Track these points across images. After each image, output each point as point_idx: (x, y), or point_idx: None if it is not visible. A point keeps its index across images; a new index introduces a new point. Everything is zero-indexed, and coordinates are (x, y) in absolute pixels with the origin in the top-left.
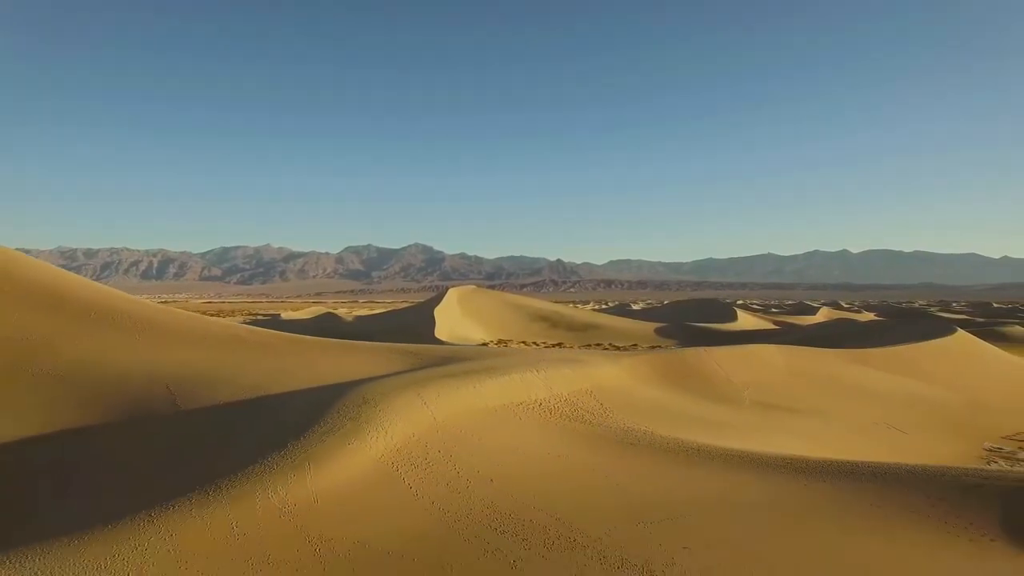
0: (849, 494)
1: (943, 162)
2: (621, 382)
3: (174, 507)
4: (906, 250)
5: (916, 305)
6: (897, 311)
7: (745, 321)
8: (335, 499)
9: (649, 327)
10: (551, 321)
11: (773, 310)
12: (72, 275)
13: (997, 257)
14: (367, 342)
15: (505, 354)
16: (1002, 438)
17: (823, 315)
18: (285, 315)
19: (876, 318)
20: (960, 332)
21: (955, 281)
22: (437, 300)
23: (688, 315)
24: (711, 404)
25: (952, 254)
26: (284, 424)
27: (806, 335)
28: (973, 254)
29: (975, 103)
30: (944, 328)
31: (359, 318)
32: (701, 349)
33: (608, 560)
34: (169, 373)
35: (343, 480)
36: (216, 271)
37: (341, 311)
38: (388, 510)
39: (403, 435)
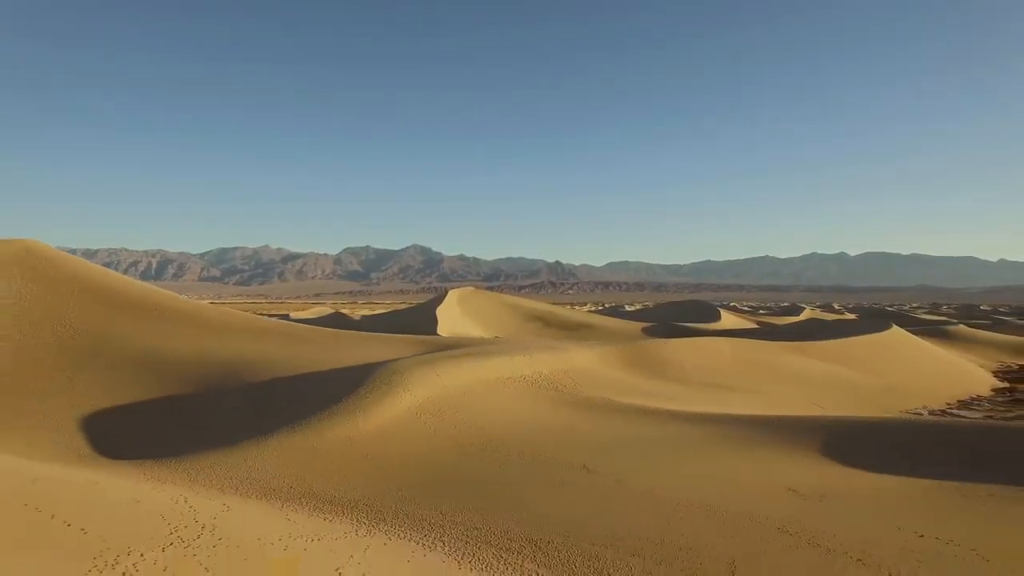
0: (734, 432)
1: (942, 165)
2: (592, 365)
3: (273, 435)
4: (904, 253)
5: (907, 307)
6: (874, 312)
7: (727, 321)
8: (380, 433)
9: (637, 326)
10: (545, 320)
11: (761, 312)
12: (119, 275)
13: (994, 260)
14: (384, 334)
15: (499, 343)
16: (900, 412)
17: (806, 316)
18: (294, 315)
19: (845, 317)
20: (894, 328)
21: (952, 284)
22: (438, 301)
23: (676, 315)
24: (664, 383)
25: (950, 257)
26: (337, 389)
27: (779, 332)
28: (971, 257)
29: (974, 105)
30: (882, 325)
31: (365, 317)
32: (661, 340)
33: (561, 463)
34: (230, 357)
35: (384, 422)
36: (215, 272)
37: (344, 311)
38: (416, 439)
39: (423, 396)
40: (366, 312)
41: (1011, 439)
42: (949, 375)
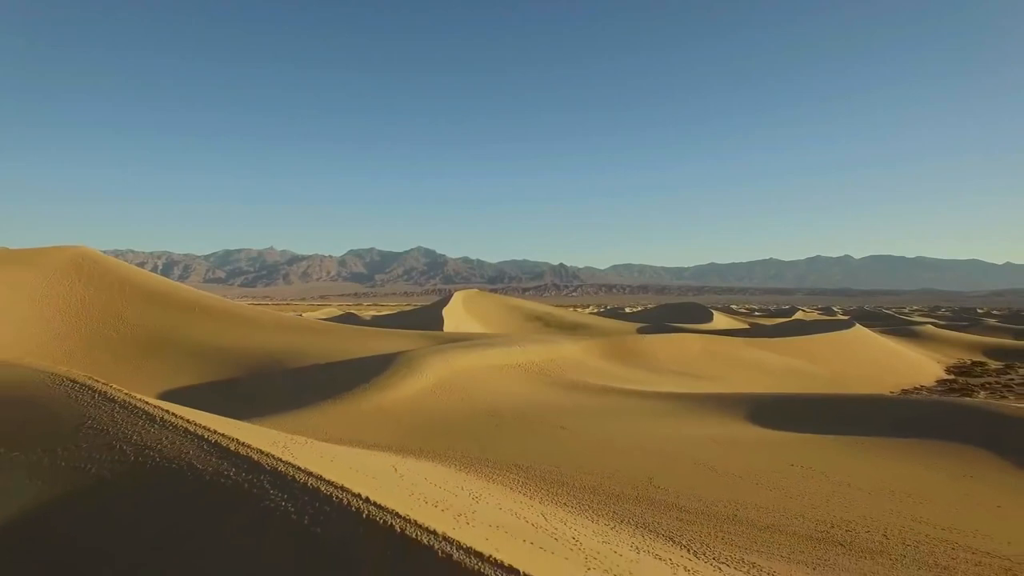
0: (681, 405)
1: (947, 168)
2: (577, 355)
3: (319, 406)
4: (908, 255)
5: (906, 310)
6: (864, 314)
7: (719, 322)
8: (403, 404)
9: (632, 327)
10: (544, 321)
11: (757, 314)
12: (161, 277)
13: (1000, 263)
14: (399, 329)
15: (499, 337)
16: None
17: (797, 317)
18: (306, 315)
19: (836, 319)
20: (857, 327)
21: (957, 287)
22: (444, 302)
23: (670, 317)
24: (637, 371)
25: (955, 260)
26: (364, 372)
27: (764, 332)
28: (976, 260)
29: (978, 107)
30: (846, 324)
31: (375, 317)
32: (640, 336)
33: (543, 423)
34: (271, 347)
35: (405, 396)
36: (220, 273)
37: (354, 312)
38: (432, 408)
39: (435, 377)
40: (374, 313)
41: (894, 408)
42: (899, 368)
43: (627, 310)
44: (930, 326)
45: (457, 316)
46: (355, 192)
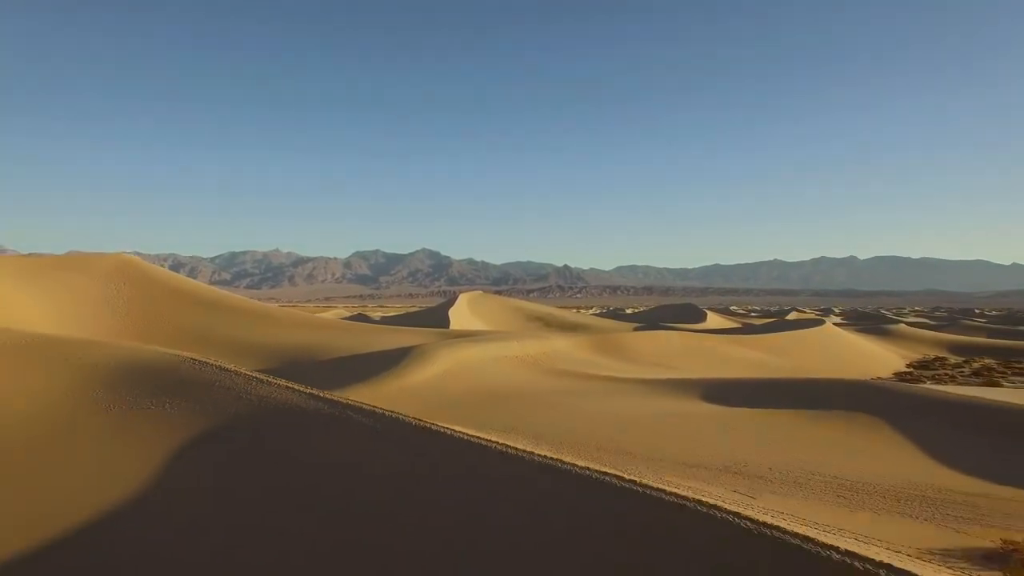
0: (649, 388)
1: (953, 168)
2: (567, 349)
3: (348, 388)
4: (914, 256)
5: (906, 311)
6: (858, 315)
7: (712, 322)
8: (420, 386)
9: (628, 327)
10: (545, 321)
11: (753, 314)
12: (194, 281)
13: (1007, 264)
14: (409, 327)
15: (499, 333)
16: None
17: (792, 316)
18: (317, 316)
19: (812, 317)
20: (827, 325)
21: (963, 288)
22: (450, 303)
23: (666, 317)
24: (620, 362)
25: (961, 260)
26: (384, 362)
27: (750, 330)
28: (982, 261)
29: (982, 107)
30: (817, 323)
31: (384, 318)
32: (627, 333)
33: (534, 401)
34: (300, 343)
35: (421, 380)
36: (225, 275)
37: (365, 314)
38: (443, 390)
39: (444, 366)
40: (382, 314)
41: (816, 387)
42: (862, 362)
43: (628, 311)
44: (903, 325)
45: (462, 317)
46: (360, 194)
